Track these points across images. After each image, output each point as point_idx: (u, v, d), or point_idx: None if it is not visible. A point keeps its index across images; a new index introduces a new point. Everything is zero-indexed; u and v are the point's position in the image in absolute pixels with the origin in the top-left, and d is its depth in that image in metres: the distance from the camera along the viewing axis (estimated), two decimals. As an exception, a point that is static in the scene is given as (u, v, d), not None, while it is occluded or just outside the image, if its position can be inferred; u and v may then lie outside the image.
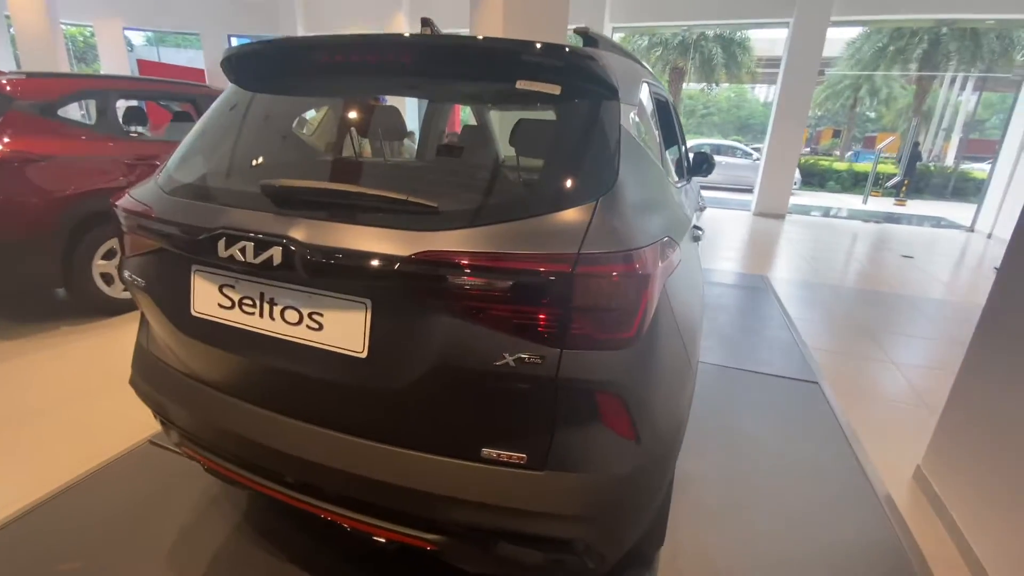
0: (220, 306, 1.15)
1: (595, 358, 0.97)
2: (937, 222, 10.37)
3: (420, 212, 1.01)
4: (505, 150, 1.96)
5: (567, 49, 1.09)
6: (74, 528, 1.71)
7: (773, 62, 14.59)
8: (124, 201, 1.32)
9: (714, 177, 14.68)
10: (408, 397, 1.02)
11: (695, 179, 3.03)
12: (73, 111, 3.42)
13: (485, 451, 1.03)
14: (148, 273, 1.28)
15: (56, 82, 3.29)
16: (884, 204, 13.44)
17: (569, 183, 1.04)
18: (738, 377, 3.02)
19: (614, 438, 1.04)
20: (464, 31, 5.96)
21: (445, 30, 1.59)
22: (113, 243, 3.31)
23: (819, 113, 28.14)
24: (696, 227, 1.82)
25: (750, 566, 1.69)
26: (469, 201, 1.15)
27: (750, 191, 11.90)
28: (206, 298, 1.17)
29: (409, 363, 1.00)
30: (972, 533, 1.78)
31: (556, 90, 1.10)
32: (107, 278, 3.35)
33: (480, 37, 1.13)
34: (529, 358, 0.94)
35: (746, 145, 17.66)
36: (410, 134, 3.19)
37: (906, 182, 14.55)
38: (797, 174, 14.93)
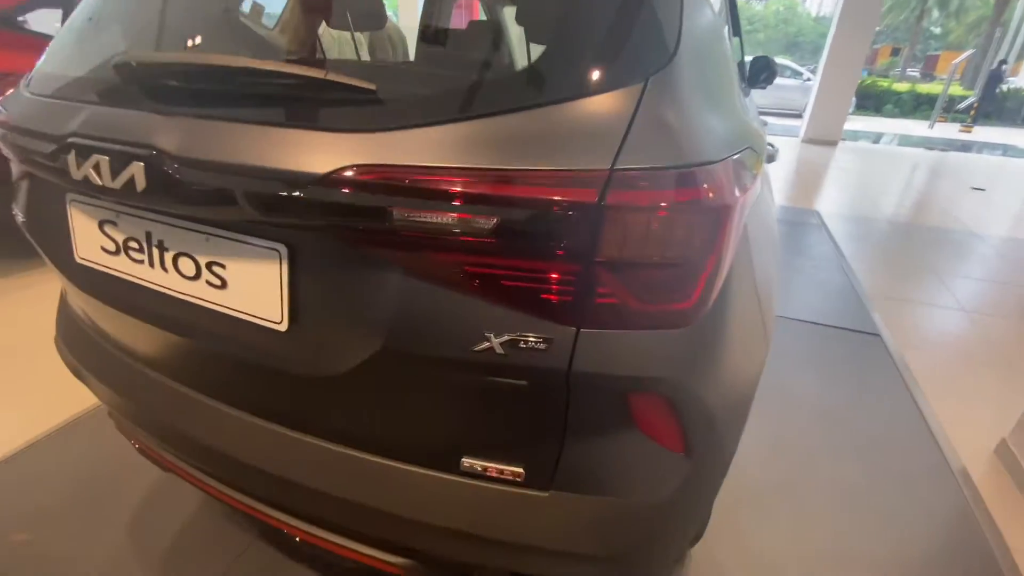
0: (104, 250, 0.83)
1: (632, 343, 0.61)
2: (1011, 151, 9.27)
3: (354, 102, 0.63)
4: (518, 48, 1.48)
5: None
6: (28, 497, 1.53)
7: (835, -36, 12.78)
8: None
9: (762, 100, 13.51)
10: (349, 387, 0.70)
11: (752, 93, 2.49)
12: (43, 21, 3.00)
13: (467, 461, 0.72)
14: (27, 205, 0.96)
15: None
16: (948, 131, 12.12)
17: (597, 55, 0.62)
18: (786, 327, 2.63)
19: (654, 451, 0.71)
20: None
21: None
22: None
23: (877, 28, 25.36)
24: (770, 144, 1.37)
25: (799, 554, 1.41)
26: (435, 86, 0.76)
27: (798, 116, 10.80)
28: (88, 240, 0.84)
29: (346, 341, 0.67)
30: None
31: None
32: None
33: None
34: (526, 342, 0.59)
35: (798, 64, 15.96)
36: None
37: (975, 106, 13.04)
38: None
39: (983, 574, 1.38)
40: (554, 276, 0.57)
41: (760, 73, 2.42)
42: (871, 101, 15.48)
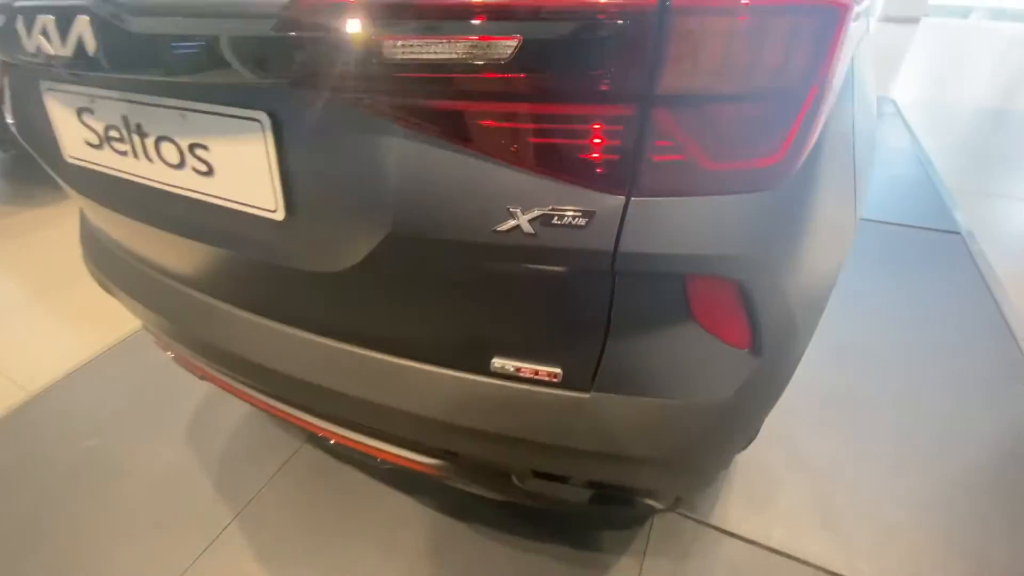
0: (88, 144, 0.74)
1: (698, 211, 0.48)
2: None
3: None
4: None
5: None
6: (95, 405, 1.62)
7: None
8: None
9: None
10: (360, 283, 0.61)
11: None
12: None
13: (498, 362, 0.64)
14: (13, 105, 0.87)
15: None
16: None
17: None
18: (865, 228, 2.38)
19: (716, 347, 0.60)
20: None
21: None
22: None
23: None
24: None
25: (855, 455, 1.33)
26: None
27: (874, -9, 9.38)
28: (71, 134, 0.76)
29: (349, 228, 0.57)
30: None
31: None
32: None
33: None
34: (561, 217, 0.48)
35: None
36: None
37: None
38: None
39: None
40: (596, 123, 0.44)
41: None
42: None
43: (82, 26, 0.54)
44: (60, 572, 1.17)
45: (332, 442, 0.90)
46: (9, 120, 0.91)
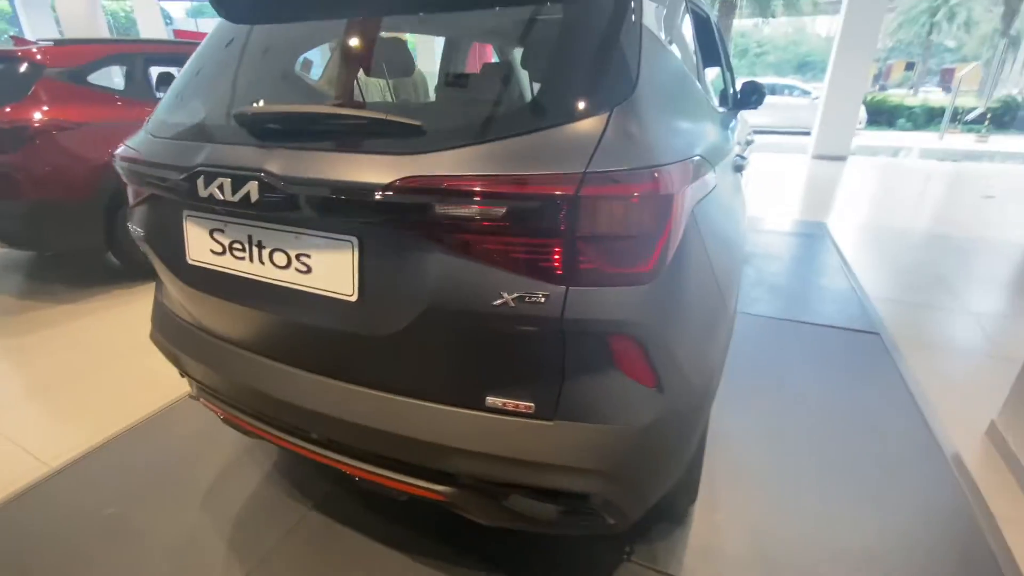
0: (212, 252, 1.10)
1: (607, 296, 0.84)
2: (1026, 158, 9.27)
3: (404, 134, 0.89)
4: (523, 84, 1.78)
5: None
6: (117, 477, 1.78)
7: (837, -13, 13.09)
8: (119, 149, 1.27)
9: (768, 120, 13.76)
10: (404, 343, 0.94)
11: (744, 113, 2.74)
12: (106, 77, 3.43)
13: (490, 399, 0.94)
14: (146, 222, 1.24)
15: (84, 48, 3.31)
16: (964, 142, 12.13)
17: (577, 91, 0.88)
18: (788, 329, 2.80)
19: (632, 386, 0.92)
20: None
21: None
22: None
23: (889, 44, 25.44)
24: (740, 156, 1.61)
25: (795, 526, 1.56)
26: (460, 120, 1.02)
27: (807, 133, 10.98)
28: (199, 245, 1.12)
29: (401, 305, 0.91)
30: (1057, 494, 1.58)
31: None
32: (149, 242, 3.45)
33: None
34: (530, 297, 0.83)
35: (805, 84, 16.22)
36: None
37: (988, 115, 13.03)
38: (862, 112, 13.68)
39: (971, 548, 1.49)
40: (548, 249, 0.81)
41: (750, 96, 2.67)
42: (884, 116, 15.59)
43: (251, 187, 0.92)
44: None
45: (358, 479, 1.14)
46: (138, 232, 1.27)
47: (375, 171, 0.85)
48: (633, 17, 0.94)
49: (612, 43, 0.91)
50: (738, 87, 2.68)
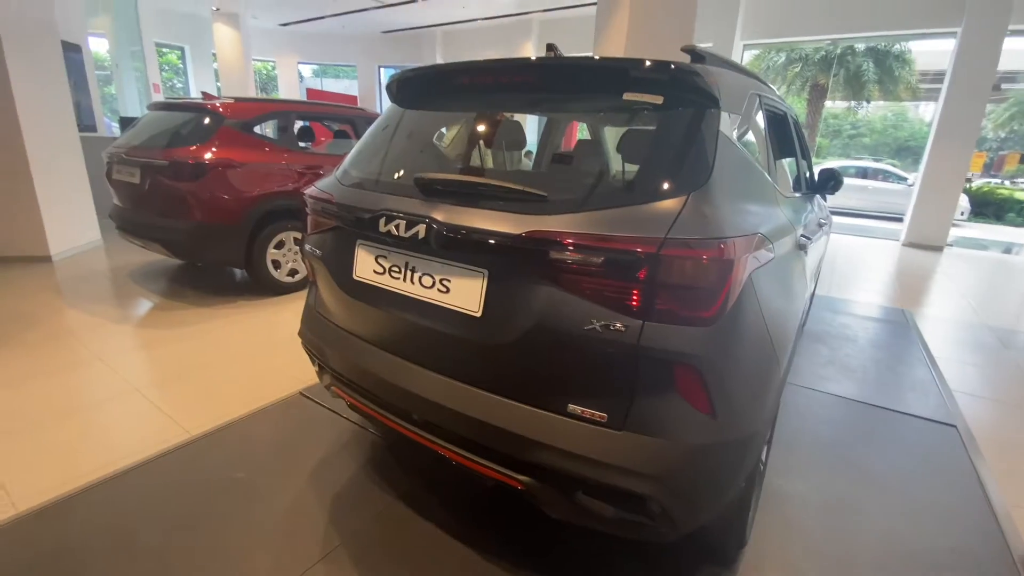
0: (375, 272, 1.47)
1: (675, 332, 1.09)
2: None
3: (532, 200, 1.22)
4: (616, 163, 2.17)
5: (670, 65, 1.24)
6: (243, 449, 2.17)
7: (940, 76, 12.84)
8: (312, 190, 1.72)
9: (860, 203, 13.33)
10: (511, 352, 1.22)
11: (821, 199, 2.93)
12: (264, 128, 4.23)
13: (571, 407, 1.20)
14: (323, 246, 1.65)
15: (255, 105, 4.12)
16: (1085, 242, 11.07)
17: (665, 179, 1.18)
18: (858, 410, 2.80)
19: (690, 410, 1.14)
20: (587, 54, 6.18)
21: (570, 54, 1.82)
22: (283, 235, 4.02)
23: (1002, 135, 23.98)
24: (804, 236, 1.82)
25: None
26: (573, 192, 1.34)
27: (901, 219, 10.58)
28: (365, 265, 1.49)
29: (514, 322, 1.21)
30: None
31: (659, 100, 1.26)
32: (276, 264, 4.07)
33: (594, 56, 1.32)
34: (614, 326, 1.09)
35: (902, 169, 15.66)
36: (527, 153, 3.49)
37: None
38: (964, 202, 12.95)
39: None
40: (632, 291, 1.08)
41: (827, 182, 2.87)
42: (991, 208, 14.62)
43: (420, 228, 1.28)
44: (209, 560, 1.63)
45: (455, 463, 1.41)
46: (315, 252, 1.68)
47: (510, 224, 1.18)
48: (712, 126, 1.24)
49: (694, 144, 1.21)
50: (815, 172, 2.89)
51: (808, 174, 2.78)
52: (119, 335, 3.33)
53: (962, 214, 12.86)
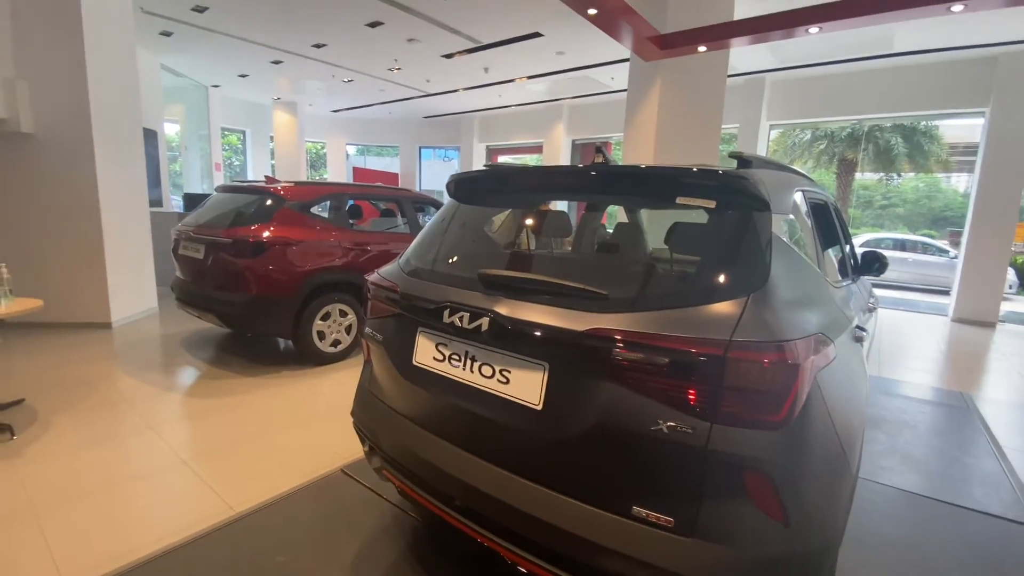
0: (435, 359, 1.52)
1: (744, 435, 1.08)
2: None
3: (593, 297, 1.27)
4: (652, 242, 2.24)
5: (720, 172, 1.32)
6: (285, 531, 2.16)
7: (972, 148, 12.85)
8: (375, 278, 1.82)
9: (901, 276, 13.00)
10: (572, 449, 1.23)
11: (866, 279, 2.91)
12: (319, 209, 4.53)
13: (636, 509, 1.17)
14: (384, 330, 1.73)
15: (313, 189, 4.45)
16: None
17: (723, 280, 1.23)
18: (925, 506, 2.61)
19: (762, 517, 1.11)
20: (618, 135, 6.45)
21: (597, 136, 1.95)
22: (329, 307, 4.19)
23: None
24: (859, 327, 1.81)
25: None
26: (632, 290, 1.39)
27: (945, 292, 10.23)
28: (425, 352, 1.55)
29: (575, 418, 1.22)
30: None
31: (712, 204, 1.33)
32: (320, 335, 4.21)
33: (645, 166, 1.41)
34: (681, 427, 1.10)
35: (940, 240, 15.34)
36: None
37: None
38: (1012, 275, 12.47)
39: None
40: (699, 393, 1.09)
41: (872, 264, 2.87)
42: (1044, 281, 13.99)
43: (483, 321, 1.34)
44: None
45: (509, 561, 1.38)
46: (377, 337, 1.75)
47: (571, 320, 1.23)
48: (766, 229, 1.29)
49: (750, 248, 1.26)
50: (858, 254, 2.90)
51: (852, 258, 2.78)
52: (169, 403, 3.45)
53: (1010, 287, 12.34)
